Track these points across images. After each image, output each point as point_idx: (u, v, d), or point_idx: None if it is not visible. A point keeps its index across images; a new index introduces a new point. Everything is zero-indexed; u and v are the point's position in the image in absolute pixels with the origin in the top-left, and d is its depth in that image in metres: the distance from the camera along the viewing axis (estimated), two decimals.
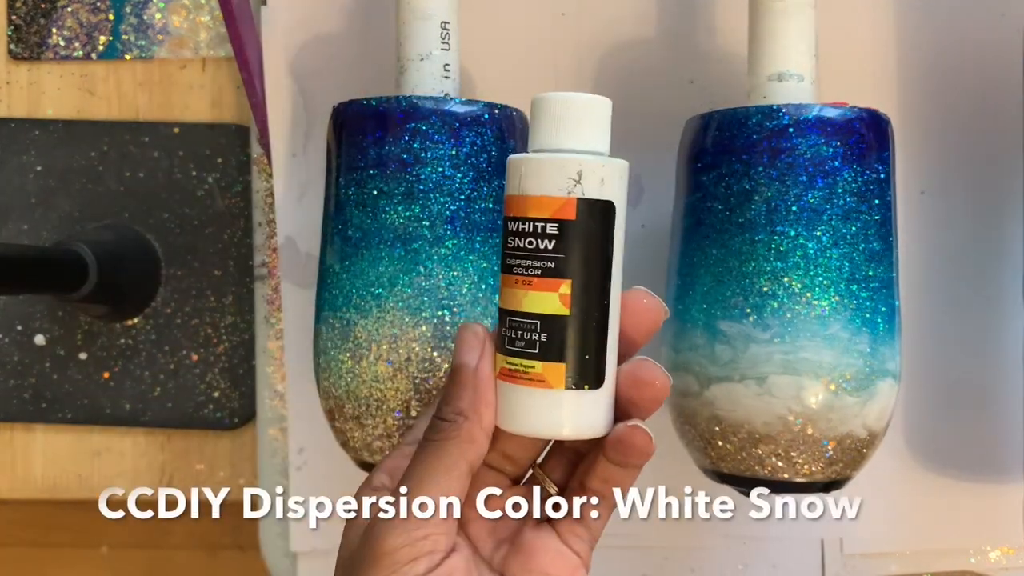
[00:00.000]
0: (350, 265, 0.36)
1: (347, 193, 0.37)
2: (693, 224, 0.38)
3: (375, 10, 0.47)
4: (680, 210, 0.39)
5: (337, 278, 0.37)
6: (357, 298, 0.36)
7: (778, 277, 0.35)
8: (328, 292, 0.37)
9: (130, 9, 0.52)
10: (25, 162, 0.52)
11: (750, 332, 0.35)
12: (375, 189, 0.36)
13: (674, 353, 0.37)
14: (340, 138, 0.38)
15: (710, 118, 0.37)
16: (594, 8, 0.47)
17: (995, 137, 0.46)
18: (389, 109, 0.36)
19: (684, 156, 0.39)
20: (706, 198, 0.37)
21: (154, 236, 0.51)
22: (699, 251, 0.37)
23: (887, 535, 0.46)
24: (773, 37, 0.37)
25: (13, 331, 0.52)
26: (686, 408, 0.37)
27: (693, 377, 0.36)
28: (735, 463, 0.36)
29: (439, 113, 0.36)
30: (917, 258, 0.46)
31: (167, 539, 1.07)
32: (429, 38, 0.38)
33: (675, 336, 0.38)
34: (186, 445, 0.52)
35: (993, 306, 0.46)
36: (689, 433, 0.38)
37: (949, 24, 0.46)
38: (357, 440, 0.37)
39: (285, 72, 0.46)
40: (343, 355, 0.36)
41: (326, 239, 0.38)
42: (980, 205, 0.46)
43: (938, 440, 0.46)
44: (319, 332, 0.38)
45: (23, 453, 0.53)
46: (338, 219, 0.37)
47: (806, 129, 0.35)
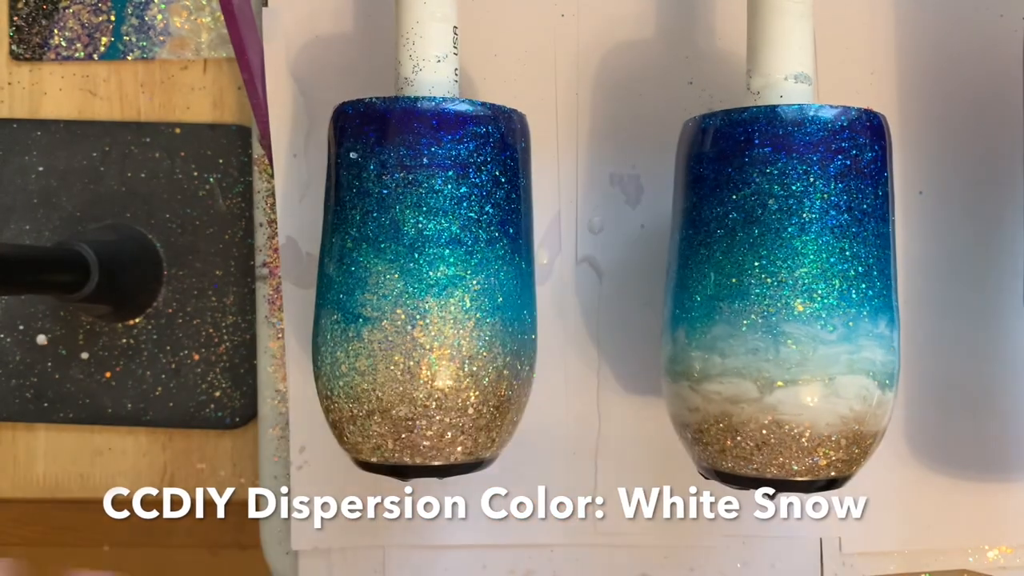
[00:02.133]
0: (348, 265, 0.37)
1: (347, 194, 0.37)
2: (713, 226, 0.37)
3: (376, 11, 0.47)
4: (680, 213, 0.39)
5: (335, 278, 0.37)
6: (354, 299, 0.36)
7: (815, 278, 0.35)
8: (326, 292, 0.38)
9: (131, 10, 0.52)
10: (27, 162, 0.52)
11: (818, 333, 0.35)
12: (375, 190, 0.36)
13: (721, 359, 0.36)
14: (341, 138, 0.38)
15: (707, 119, 0.37)
16: (594, 8, 0.47)
17: (994, 137, 0.46)
18: (392, 109, 0.36)
19: (682, 158, 0.39)
20: (711, 201, 0.37)
21: (155, 236, 0.52)
22: (751, 252, 0.36)
23: (886, 534, 0.46)
24: (772, 37, 0.37)
25: (15, 331, 0.52)
26: (738, 415, 0.36)
27: (751, 383, 0.35)
28: (745, 463, 0.36)
29: (443, 113, 0.36)
30: (916, 258, 0.46)
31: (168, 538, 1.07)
32: (446, 40, 0.38)
33: (719, 340, 0.36)
34: (187, 444, 0.52)
35: (993, 306, 0.46)
36: (709, 437, 0.37)
37: (948, 24, 0.46)
38: (356, 440, 0.37)
39: (286, 73, 0.47)
40: (340, 355, 0.36)
41: (325, 239, 0.38)
42: (979, 205, 0.46)
43: (937, 440, 0.46)
44: (317, 332, 0.38)
45: (24, 453, 0.53)
46: (337, 219, 0.37)
47: (804, 129, 0.35)
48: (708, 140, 0.37)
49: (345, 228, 0.37)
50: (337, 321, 0.37)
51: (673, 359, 0.38)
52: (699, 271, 0.37)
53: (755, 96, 0.38)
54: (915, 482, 0.46)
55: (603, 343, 0.46)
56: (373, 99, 0.37)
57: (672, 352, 0.38)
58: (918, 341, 0.46)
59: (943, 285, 0.46)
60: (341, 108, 0.38)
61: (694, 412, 0.37)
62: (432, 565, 0.47)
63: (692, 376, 0.36)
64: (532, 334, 0.40)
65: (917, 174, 0.46)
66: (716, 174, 0.37)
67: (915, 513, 0.46)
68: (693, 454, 0.38)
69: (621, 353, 0.46)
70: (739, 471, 0.37)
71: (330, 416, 0.38)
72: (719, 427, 0.36)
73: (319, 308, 0.38)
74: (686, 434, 0.38)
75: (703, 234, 0.37)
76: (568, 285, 0.47)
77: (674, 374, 0.37)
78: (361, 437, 0.37)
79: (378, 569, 0.47)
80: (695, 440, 0.37)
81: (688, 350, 0.37)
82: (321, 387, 0.38)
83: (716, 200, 0.37)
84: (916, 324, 0.46)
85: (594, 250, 0.47)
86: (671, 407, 0.39)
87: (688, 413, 0.37)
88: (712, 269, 0.36)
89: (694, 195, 0.38)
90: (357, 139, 0.37)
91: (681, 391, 0.37)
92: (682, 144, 0.39)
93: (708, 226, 0.36)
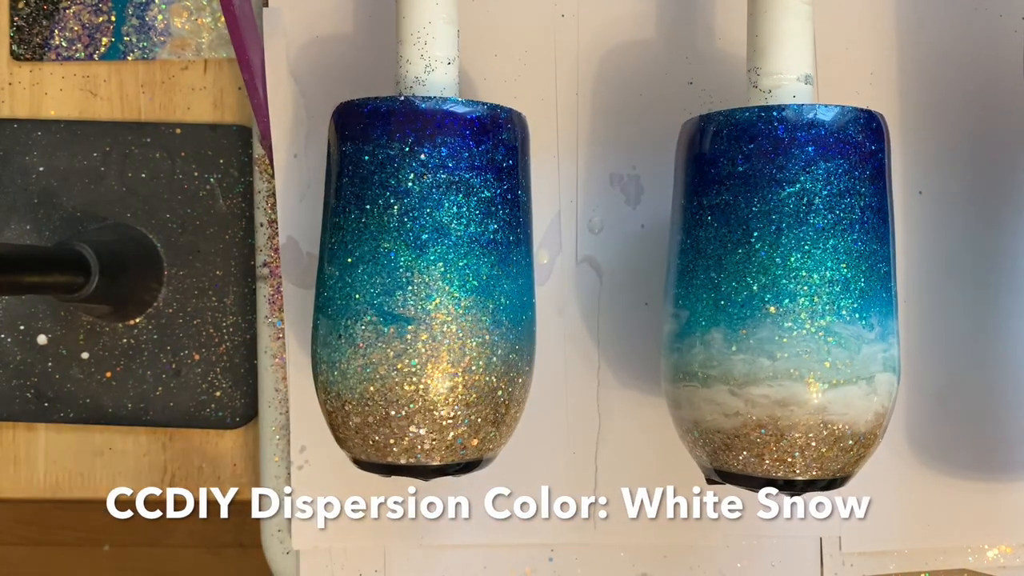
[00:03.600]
0: (347, 265, 0.37)
1: (346, 194, 0.37)
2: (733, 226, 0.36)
3: (376, 11, 0.47)
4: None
5: (334, 278, 0.37)
6: (353, 299, 0.36)
7: (855, 276, 0.36)
8: (325, 292, 0.38)
9: (132, 11, 0.52)
10: (27, 162, 0.52)
11: (861, 332, 0.35)
12: (375, 190, 0.36)
13: (771, 361, 0.35)
14: (341, 138, 0.38)
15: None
16: (594, 8, 0.47)
17: (994, 137, 0.46)
18: (393, 109, 0.36)
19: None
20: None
21: (156, 236, 0.52)
22: (796, 250, 0.35)
23: (885, 533, 0.46)
24: (772, 37, 0.37)
25: (15, 331, 0.52)
26: (787, 418, 0.35)
27: (803, 384, 0.35)
28: (753, 464, 0.36)
29: (444, 113, 0.36)
30: (916, 258, 0.46)
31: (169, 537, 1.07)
32: (453, 42, 0.38)
33: (766, 342, 0.35)
34: (188, 444, 0.52)
35: (993, 306, 0.46)
36: (746, 442, 0.36)
37: (948, 24, 0.47)
38: (355, 440, 0.37)
39: (287, 73, 0.47)
40: (338, 355, 0.36)
41: (324, 239, 0.38)
42: (979, 205, 0.46)
43: (937, 439, 0.46)
44: (316, 332, 0.38)
45: (25, 452, 0.53)
46: (337, 219, 0.37)
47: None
48: (705, 142, 0.37)
49: (345, 228, 0.37)
50: (335, 322, 0.37)
51: (707, 363, 0.36)
52: (737, 271, 0.36)
53: (760, 95, 0.37)
54: (915, 481, 0.46)
55: (603, 343, 0.46)
56: (367, 99, 0.37)
57: (705, 356, 0.36)
58: (918, 341, 0.46)
59: (943, 285, 0.46)
60: (342, 107, 0.38)
61: (732, 417, 0.35)
62: (433, 565, 0.47)
63: (733, 380, 0.35)
64: (531, 334, 0.40)
65: (917, 174, 0.46)
66: (712, 175, 0.37)
67: (915, 512, 0.46)
68: (710, 457, 0.37)
69: (621, 353, 0.46)
70: (715, 465, 0.37)
71: (328, 416, 0.38)
72: (761, 431, 0.35)
73: (317, 308, 0.38)
74: (711, 438, 0.37)
75: (739, 233, 0.36)
76: (568, 285, 0.47)
77: (707, 378, 0.36)
78: (360, 437, 0.37)
79: (379, 569, 0.47)
80: (725, 445, 0.36)
81: (728, 353, 0.35)
82: (319, 387, 0.38)
83: (758, 199, 0.36)
84: (916, 324, 0.46)
85: (594, 250, 0.47)
86: (693, 412, 0.37)
87: (724, 419, 0.36)
88: (755, 269, 0.35)
89: (729, 193, 0.36)
90: (355, 139, 0.37)
91: (716, 396, 0.36)
92: (680, 146, 0.39)
93: (746, 226, 0.36)
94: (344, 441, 0.38)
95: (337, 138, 0.38)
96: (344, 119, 0.38)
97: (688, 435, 0.38)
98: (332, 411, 0.38)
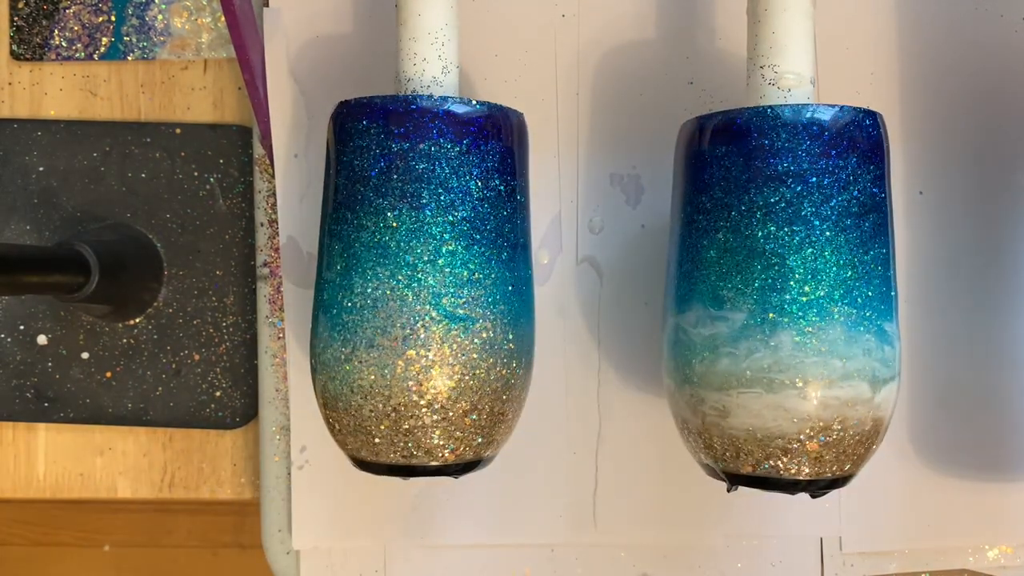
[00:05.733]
0: (346, 265, 0.37)
1: (346, 193, 0.37)
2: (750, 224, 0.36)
3: (376, 11, 0.47)
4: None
5: (333, 278, 0.37)
6: (352, 299, 0.36)
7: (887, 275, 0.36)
8: (324, 292, 0.38)
9: (132, 10, 0.52)
10: (27, 162, 0.52)
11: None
12: (374, 189, 0.36)
13: (842, 362, 0.35)
14: (340, 138, 0.38)
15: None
16: (594, 8, 0.47)
17: (994, 137, 0.46)
18: (393, 108, 0.36)
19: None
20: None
21: (156, 236, 0.52)
22: (860, 247, 0.36)
23: (886, 533, 0.46)
24: (772, 37, 0.37)
25: (15, 331, 0.52)
26: (851, 417, 0.35)
27: (867, 383, 0.35)
28: (759, 464, 0.36)
29: (444, 113, 0.36)
30: (916, 258, 0.46)
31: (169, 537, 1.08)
32: (458, 44, 0.39)
33: (840, 343, 0.35)
34: (188, 444, 0.52)
35: (993, 305, 0.46)
36: (801, 446, 0.35)
37: (948, 24, 0.47)
38: (354, 440, 0.37)
39: (287, 73, 0.47)
40: (337, 356, 0.36)
41: (323, 239, 0.38)
42: (979, 205, 0.46)
43: (937, 439, 0.46)
44: (315, 332, 0.38)
45: (25, 452, 0.53)
46: (336, 219, 0.37)
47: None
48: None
49: (344, 228, 0.37)
50: (334, 322, 0.37)
51: (774, 367, 0.35)
52: (807, 269, 0.35)
53: (778, 94, 0.37)
54: (915, 482, 0.46)
55: (603, 343, 0.46)
56: (366, 98, 0.37)
57: (773, 360, 0.35)
58: (919, 341, 0.46)
59: (943, 285, 0.46)
60: (341, 107, 0.38)
61: (802, 422, 0.34)
62: (433, 565, 0.47)
63: (806, 382, 0.34)
64: (531, 334, 0.40)
65: (917, 174, 0.46)
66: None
67: (915, 512, 0.46)
68: (745, 462, 0.36)
69: (621, 353, 0.46)
70: (721, 466, 0.37)
71: (327, 416, 0.38)
72: (826, 432, 0.35)
73: (316, 308, 0.38)
74: (770, 444, 0.35)
75: (813, 231, 0.35)
76: (568, 285, 0.47)
77: (773, 384, 0.35)
78: (359, 438, 0.37)
79: (379, 568, 0.47)
80: (783, 451, 0.35)
81: (801, 355, 0.35)
82: (318, 387, 0.38)
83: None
84: (916, 324, 0.46)
85: (594, 250, 0.47)
86: (755, 420, 0.35)
87: (791, 424, 0.34)
88: (831, 265, 0.35)
89: (775, 193, 0.36)
90: (354, 138, 0.37)
91: (785, 401, 0.34)
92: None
93: (810, 224, 0.35)
94: (343, 441, 0.38)
95: (336, 137, 0.38)
96: (343, 118, 0.38)
97: (729, 443, 0.36)
98: (331, 411, 0.38)
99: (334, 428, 0.38)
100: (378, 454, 0.37)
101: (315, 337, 0.38)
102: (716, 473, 0.38)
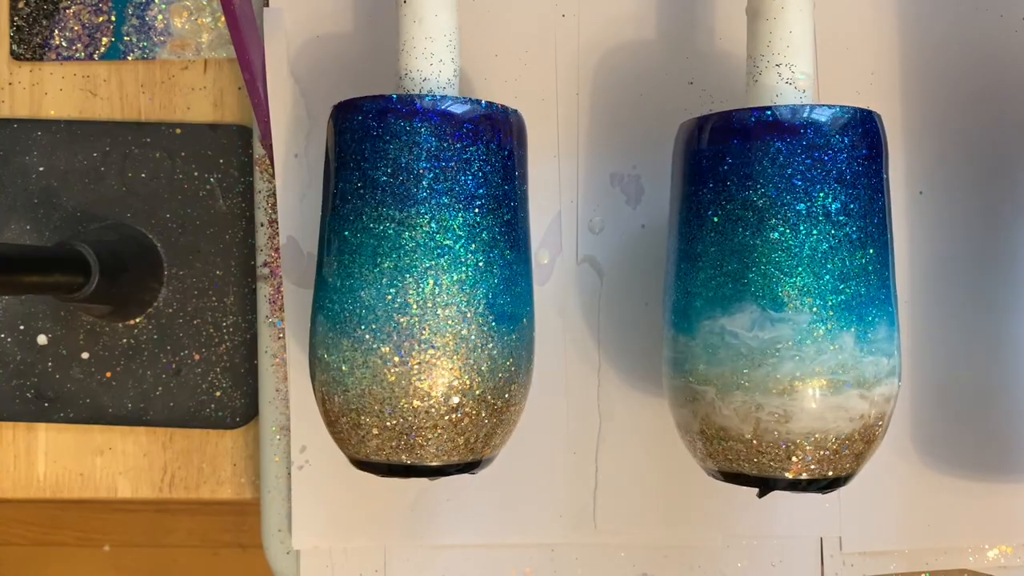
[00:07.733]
0: (345, 265, 0.37)
1: (345, 193, 0.37)
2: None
3: (376, 11, 0.47)
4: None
5: (332, 278, 0.37)
6: (351, 299, 0.36)
7: None
8: (323, 292, 0.38)
9: (132, 11, 0.52)
10: (27, 162, 0.52)
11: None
12: (374, 189, 0.36)
13: (888, 359, 0.36)
14: (340, 138, 0.38)
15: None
16: (594, 8, 0.47)
17: (995, 137, 0.46)
18: (392, 108, 0.36)
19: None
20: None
21: (156, 236, 0.52)
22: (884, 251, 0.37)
23: (886, 533, 0.46)
24: (772, 37, 0.37)
25: (15, 331, 0.52)
26: (888, 413, 0.36)
27: (897, 379, 0.37)
28: (762, 464, 0.36)
29: (444, 112, 0.36)
30: (916, 258, 0.46)
31: (169, 537, 1.08)
32: (453, 41, 0.39)
33: (886, 341, 0.36)
34: (188, 444, 0.52)
35: (993, 305, 0.46)
36: (840, 443, 0.35)
37: (948, 24, 0.47)
38: (353, 440, 0.37)
39: (287, 73, 0.47)
40: (337, 356, 0.36)
41: (323, 239, 0.38)
42: (979, 205, 0.46)
43: (938, 439, 0.46)
44: (314, 332, 0.38)
45: (25, 452, 0.53)
46: (336, 219, 0.37)
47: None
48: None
49: (343, 228, 0.37)
50: (333, 322, 0.37)
51: (840, 368, 0.35)
52: (863, 269, 0.36)
53: (794, 93, 0.37)
54: (915, 481, 0.46)
55: (603, 343, 0.47)
56: (365, 98, 0.37)
57: (840, 360, 0.35)
58: (919, 341, 0.46)
59: (943, 285, 0.46)
60: (341, 106, 0.38)
61: (859, 420, 0.35)
62: (432, 565, 0.47)
63: (866, 383, 0.35)
64: (531, 334, 0.40)
65: (917, 174, 0.46)
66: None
67: (915, 512, 0.46)
68: (790, 459, 0.36)
69: (621, 353, 0.46)
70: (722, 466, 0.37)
71: (327, 416, 0.38)
72: (866, 429, 0.35)
73: (316, 308, 0.38)
74: (826, 445, 0.35)
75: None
76: (568, 285, 0.47)
77: (837, 383, 0.35)
78: (358, 438, 0.37)
79: (379, 569, 0.47)
80: (835, 452, 0.35)
81: (862, 355, 0.35)
82: (317, 387, 0.38)
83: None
84: (916, 324, 0.46)
85: (594, 250, 0.47)
86: (821, 424, 0.35)
87: (849, 423, 0.35)
88: (880, 265, 0.36)
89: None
90: (353, 138, 0.37)
91: (846, 401, 0.35)
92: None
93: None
94: (343, 441, 0.38)
95: (336, 137, 0.38)
96: (343, 118, 0.38)
97: (778, 448, 0.36)
98: (330, 411, 0.38)
99: (334, 428, 0.38)
100: (378, 454, 0.37)
101: (314, 337, 0.38)
102: (738, 480, 0.37)
